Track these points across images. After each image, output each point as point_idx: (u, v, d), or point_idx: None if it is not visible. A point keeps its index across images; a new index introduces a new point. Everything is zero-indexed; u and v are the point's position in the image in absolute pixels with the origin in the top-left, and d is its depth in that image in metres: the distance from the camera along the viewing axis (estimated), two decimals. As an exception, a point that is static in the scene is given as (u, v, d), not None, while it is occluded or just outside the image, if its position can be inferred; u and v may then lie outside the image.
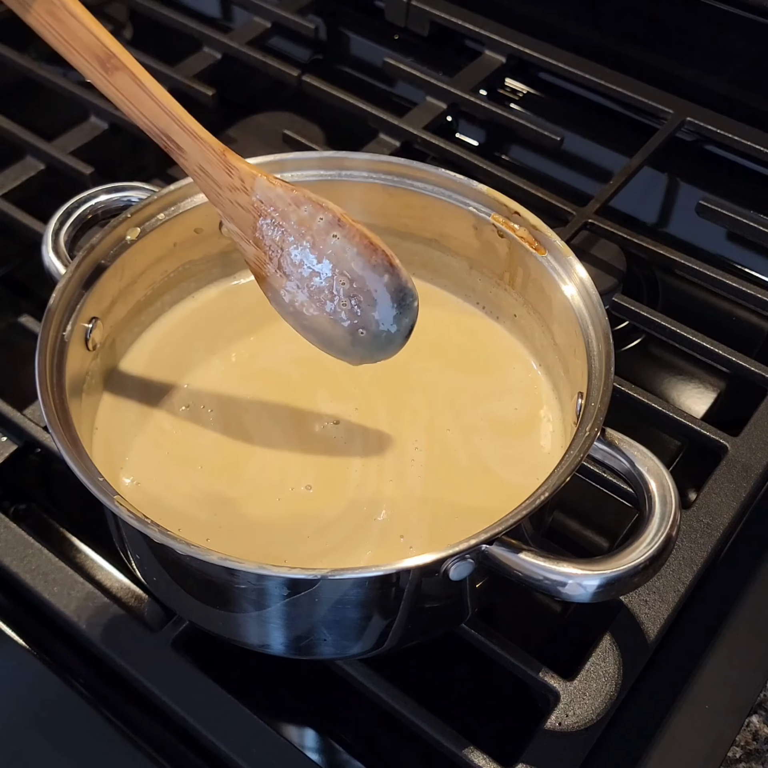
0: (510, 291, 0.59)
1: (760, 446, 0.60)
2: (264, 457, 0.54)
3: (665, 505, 0.45)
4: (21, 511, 0.62)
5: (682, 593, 0.54)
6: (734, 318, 0.76)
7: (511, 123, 0.82)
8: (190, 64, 0.86)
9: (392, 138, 0.80)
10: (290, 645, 0.50)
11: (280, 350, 0.59)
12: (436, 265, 0.63)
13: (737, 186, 0.82)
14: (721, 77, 0.83)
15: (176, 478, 0.53)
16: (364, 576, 0.43)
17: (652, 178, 0.82)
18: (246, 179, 0.49)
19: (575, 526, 0.63)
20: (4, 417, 0.60)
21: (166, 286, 0.60)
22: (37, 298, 0.74)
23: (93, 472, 0.45)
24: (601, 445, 0.47)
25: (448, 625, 0.52)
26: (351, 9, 0.97)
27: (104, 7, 0.96)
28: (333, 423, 0.55)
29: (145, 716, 0.52)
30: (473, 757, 0.48)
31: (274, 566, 0.42)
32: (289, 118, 0.88)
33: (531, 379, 0.58)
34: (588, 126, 0.88)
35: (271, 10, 0.90)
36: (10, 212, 0.72)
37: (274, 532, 0.51)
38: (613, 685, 0.51)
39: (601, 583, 0.43)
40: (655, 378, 0.72)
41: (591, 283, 0.53)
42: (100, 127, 0.80)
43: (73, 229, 0.56)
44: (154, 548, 0.47)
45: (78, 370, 0.52)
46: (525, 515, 0.43)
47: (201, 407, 0.56)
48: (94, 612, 0.53)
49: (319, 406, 0.56)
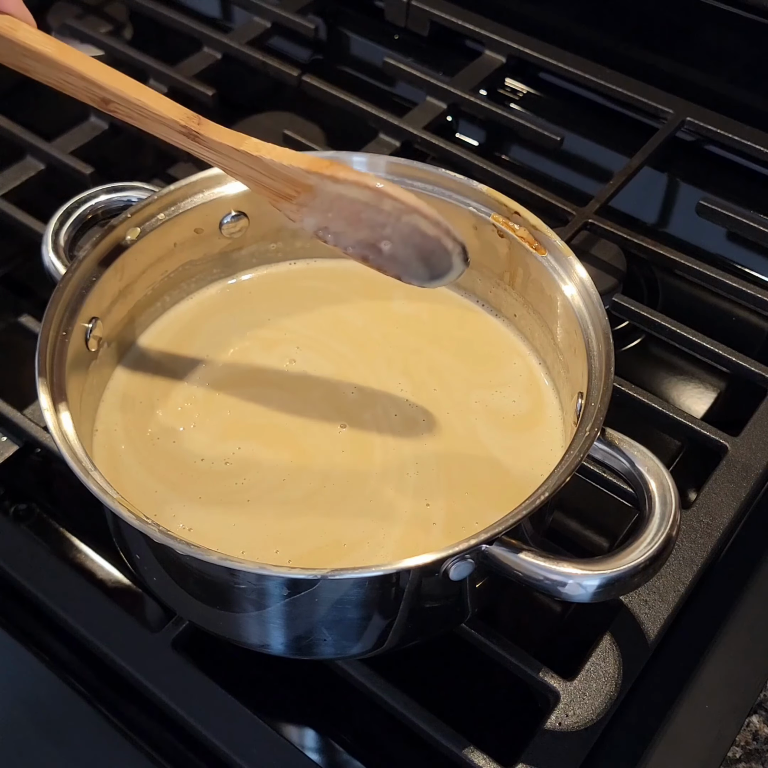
0: (510, 291, 0.60)
1: (760, 446, 0.60)
2: (268, 454, 0.54)
3: (665, 505, 0.45)
4: (21, 511, 0.62)
5: (682, 593, 0.54)
6: (734, 318, 0.76)
7: (511, 123, 0.82)
8: (190, 64, 0.86)
9: (392, 138, 0.80)
10: (290, 645, 0.50)
11: (280, 349, 0.59)
12: (436, 265, 0.63)
13: (737, 186, 0.82)
14: (721, 77, 0.83)
15: (180, 480, 0.53)
16: (364, 576, 0.43)
17: (652, 178, 0.82)
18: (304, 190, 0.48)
19: (575, 526, 0.63)
20: (4, 417, 0.60)
21: (166, 286, 0.60)
22: (37, 298, 0.74)
23: (93, 472, 0.45)
24: (601, 445, 0.47)
25: (448, 625, 0.52)
26: (351, 9, 0.97)
27: (104, 7, 0.96)
28: (340, 427, 0.55)
29: (145, 716, 0.52)
30: (473, 757, 0.48)
31: (274, 566, 0.42)
32: (289, 118, 0.88)
33: (531, 375, 0.58)
34: (588, 126, 0.88)
35: (271, 10, 0.90)
36: (10, 212, 0.72)
37: (280, 527, 0.51)
38: (613, 685, 0.51)
39: (601, 583, 0.43)
40: (655, 378, 0.72)
41: (591, 283, 0.53)
42: (100, 127, 0.80)
43: (73, 229, 0.56)
44: (154, 548, 0.47)
45: (78, 370, 0.52)
46: (525, 515, 0.43)
47: (202, 407, 0.56)
48: (94, 612, 0.53)
49: (319, 406, 0.56)
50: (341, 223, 0.49)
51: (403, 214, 0.47)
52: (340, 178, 0.47)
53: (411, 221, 0.47)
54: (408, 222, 0.47)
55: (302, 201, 0.48)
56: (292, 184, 0.48)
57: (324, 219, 0.49)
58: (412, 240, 0.48)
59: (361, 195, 0.47)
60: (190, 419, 0.56)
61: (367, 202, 0.47)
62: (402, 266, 0.49)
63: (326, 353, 0.59)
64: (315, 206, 0.48)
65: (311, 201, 0.48)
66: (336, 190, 0.47)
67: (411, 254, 0.48)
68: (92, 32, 0.88)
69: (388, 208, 0.47)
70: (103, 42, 0.87)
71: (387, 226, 0.48)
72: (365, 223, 0.48)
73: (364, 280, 0.62)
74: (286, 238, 0.63)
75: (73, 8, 0.95)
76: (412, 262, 0.49)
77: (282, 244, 0.63)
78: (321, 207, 0.48)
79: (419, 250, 0.48)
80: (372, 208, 0.47)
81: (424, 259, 0.48)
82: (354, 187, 0.47)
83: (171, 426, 0.55)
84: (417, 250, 0.48)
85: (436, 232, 0.47)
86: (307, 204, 0.48)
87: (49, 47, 0.46)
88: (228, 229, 0.60)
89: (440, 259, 0.48)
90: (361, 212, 0.48)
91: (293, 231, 0.62)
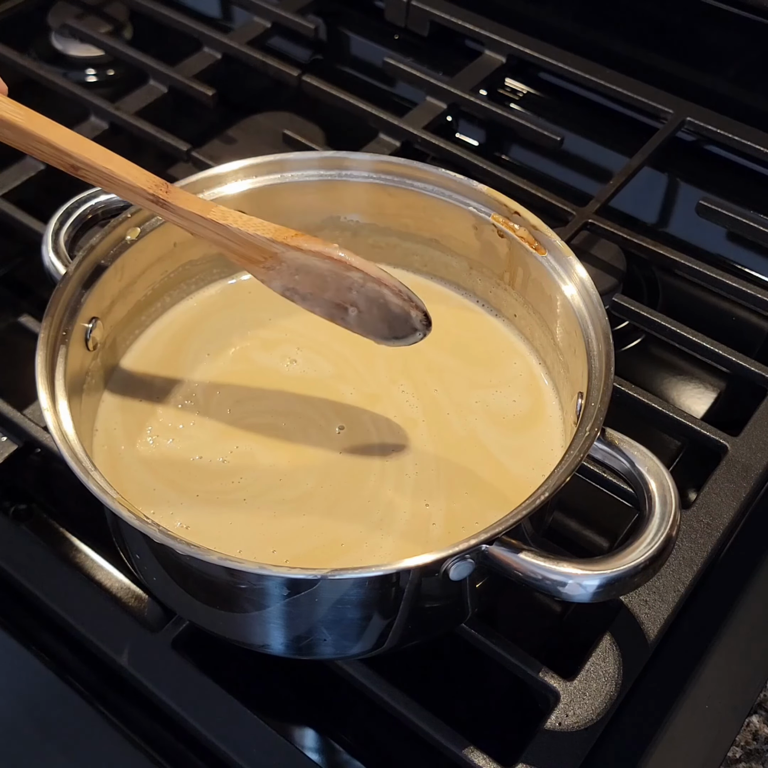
0: (510, 291, 0.59)
1: (760, 446, 0.60)
2: (266, 454, 0.54)
3: (665, 505, 0.45)
4: (21, 511, 0.62)
5: (682, 593, 0.54)
6: (734, 318, 0.76)
7: (511, 123, 0.82)
8: (190, 64, 0.86)
9: (392, 138, 0.80)
10: (290, 645, 0.50)
11: (280, 349, 0.59)
12: (436, 265, 0.63)
13: (737, 186, 0.82)
14: (721, 77, 0.83)
15: (179, 478, 0.53)
16: (363, 576, 0.43)
17: (652, 178, 0.82)
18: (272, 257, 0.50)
19: (575, 526, 0.63)
20: (4, 417, 0.60)
21: (166, 286, 0.60)
22: (37, 298, 0.74)
23: (93, 472, 0.45)
24: (601, 445, 0.47)
25: (448, 625, 0.52)
26: (351, 9, 0.97)
27: (104, 7, 0.96)
28: (338, 428, 0.55)
29: (145, 716, 0.52)
30: (473, 757, 0.48)
31: (274, 566, 0.42)
32: (289, 118, 0.88)
33: (531, 375, 0.58)
34: (588, 126, 0.88)
35: (271, 10, 0.90)
36: (10, 212, 0.72)
37: (277, 526, 0.51)
38: (613, 685, 0.51)
39: (601, 583, 0.43)
40: (655, 378, 0.72)
41: (591, 283, 0.53)
42: (100, 127, 0.79)
43: (73, 229, 0.56)
44: (154, 548, 0.47)
45: (78, 370, 0.52)
46: (525, 515, 0.43)
47: (201, 406, 0.56)
48: (94, 612, 0.53)
49: (318, 406, 0.56)
50: (308, 286, 0.50)
51: (367, 281, 0.49)
52: (304, 249, 0.49)
53: (375, 287, 0.49)
54: (372, 288, 0.49)
55: (269, 265, 0.50)
56: (259, 251, 0.50)
57: (291, 281, 0.51)
58: (377, 304, 0.50)
59: (324, 264, 0.49)
60: (190, 418, 0.56)
61: (332, 270, 0.49)
62: (367, 327, 0.51)
63: (326, 354, 0.59)
64: (282, 270, 0.50)
65: (278, 266, 0.50)
66: (301, 259, 0.49)
67: (376, 316, 0.51)
68: (92, 32, 0.88)
69: (353, 276, 0.49)
70: (103, 42, 0.88)
71: (352, 290, 0.50)
72: (331, 287, 0.50)
73: (364, 280, 0.62)
74: (286, 238, 0.63)
75: (73, 8, 0.95)
76: (377, 323, 0.51)
77: (282, 244, 0.63)
78: (288, 271, 0.50)
79: (384, 313, 0.50)
80: (337, 275, 0.49)
81: (388, 322, 0.51)
82: (318, 258, 0.49)
83: (170, 424, 0.55)
84: (381, 313, 0.50)
85: (400, 301, 0.49)
86: (274, 268, 0.50)
87: (18, 116, 0.47)
88: (228, 229, 0.60)
89: (403, 324, 0.50)
90: (327, 277, 0.50)
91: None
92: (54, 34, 0.94)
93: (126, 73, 0.91)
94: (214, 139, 0.84)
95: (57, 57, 0.93)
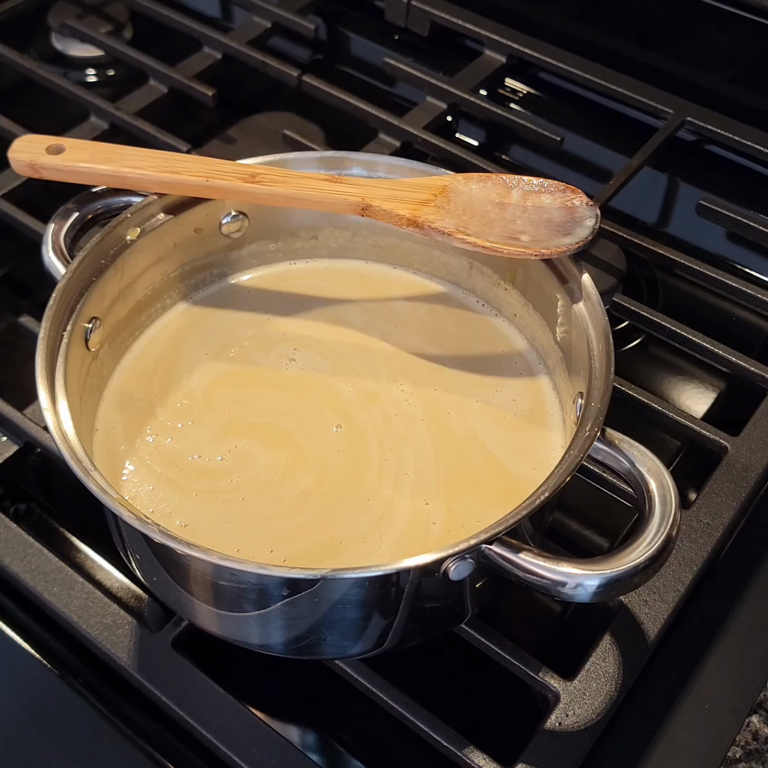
0: (510, 291, 0.60)
1: (760, 446, 0.60)
2: (265, 453, 0.54)
3: (665, 505, 0.45)
4: (21, 511, 0.62)
5: (682, 593, 0.54)
6: (734, 318, 0.76)
7: (511, 123, 0.82)
8: (190, 64, 0.86)
9: (392, 138, 0.80)
10: (290, 645, 0.50)
11: (278, 348, 0.59)
12: (436, 265, 0.63)
13: (737, 186, 0.82)
14: (721, 77, 0.83)
15: (178, 477, 0.53)
16: (363, 576, 0.43)
17: (652, 178, 0.82)
18: None
19: (575, 526, 0.63)
20: (4, 417, 0.60)
21: (166, 286, 0.60)
22: (37, 298, 0.74)
23: (93, 472, 0.45)
24: (601, 445, 0.47)
25: (448, 625, 0.52)
26: (351, 9, 0.97)
27: (104, 7, 0.96)
28: (336, 427, 0.55)
29: (145, 716, 0.52)
30: (473, 757, 0.48)
31: (274, 566, 0.42)
32: (289, 118, 0.88)
33: (531, 375, 0.58)
34: (588, 126, 0.88)
35: (271, 10, 0.90)
36: (10, 212, 0.72)
37: (276, 525, 0.51)
38: (613, 685, 0.51)
39: (601, 583, 0.43)
40: (655, 378, 0.72)
41: (591, 283, 0.53)
42: (100, 127, 0.79)
43: (73, 229, 0.56)
44: (154, 548, 0.47)
45: (78, 370, 0.52)
46: (525, 515, 0.43)
47: (200, 406, 0.56)
48: (94, 612, 0.53)
49: (317, 405, 0.56)
50: (476, 225, 0.52)
51: (527, 198, 0.52)
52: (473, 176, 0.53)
53: (536, 203, 0.51)
54: (534, 207, 0.51)
55: (439, 203, 0.53)
56: (429, 188, 0.53)
57: (461, 222, 0.52)
58: (543, 222, 0.52)
59: (486, 195, 0.52)
60: (188, 417, 0.56)
61: (494, 203, 0.52)
62: (544, 244, 0.52)
63: (325, 353, 0.59)
64: (450, 210, 0.52)
65: (446, 205, 0.52)
66: (465, 195, 0.52)
67: (546, 234, 0.52)
68: (92, 32, 0.88)
69: (513, 196, 0.52)
70: (103, 42, 0.88)
71: (516, 221, 0.52)
72: (497, 224, 0.51)
73: (362, 279, 0.62)
74: (285, 238, 0.63)
75: (73, 8, 0.95)
76: (552, 237, 0.52)
77: (281, 244, 0.63)
78: (455, 211, 0.52)
79: (553, 227, 0.52)
80: (499, 207, 0.52)
81: (561, 228, 0.52)
82: (482, 182, 0.52)
83: (169, 423, 0.55)
84: (550, 229, 0.52)
85: (560, 203, 0.52)
86: (444, 207, 0.52)
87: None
88: (228, 229, 0.60)
89: (575, 224, 0.52)
90: (490, 213, 0.51)
91: (293, 231, 0.62)
92: (54, 34, 0.94)
93: (126, 73, 0.91)
94: (214, 139, 0.84)
95: (57, 57, 0.93)
